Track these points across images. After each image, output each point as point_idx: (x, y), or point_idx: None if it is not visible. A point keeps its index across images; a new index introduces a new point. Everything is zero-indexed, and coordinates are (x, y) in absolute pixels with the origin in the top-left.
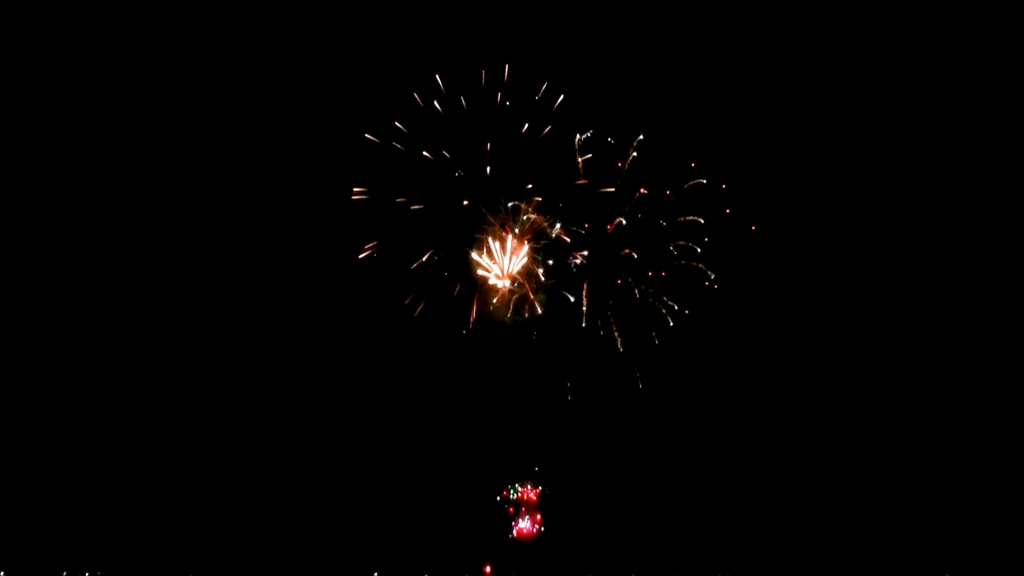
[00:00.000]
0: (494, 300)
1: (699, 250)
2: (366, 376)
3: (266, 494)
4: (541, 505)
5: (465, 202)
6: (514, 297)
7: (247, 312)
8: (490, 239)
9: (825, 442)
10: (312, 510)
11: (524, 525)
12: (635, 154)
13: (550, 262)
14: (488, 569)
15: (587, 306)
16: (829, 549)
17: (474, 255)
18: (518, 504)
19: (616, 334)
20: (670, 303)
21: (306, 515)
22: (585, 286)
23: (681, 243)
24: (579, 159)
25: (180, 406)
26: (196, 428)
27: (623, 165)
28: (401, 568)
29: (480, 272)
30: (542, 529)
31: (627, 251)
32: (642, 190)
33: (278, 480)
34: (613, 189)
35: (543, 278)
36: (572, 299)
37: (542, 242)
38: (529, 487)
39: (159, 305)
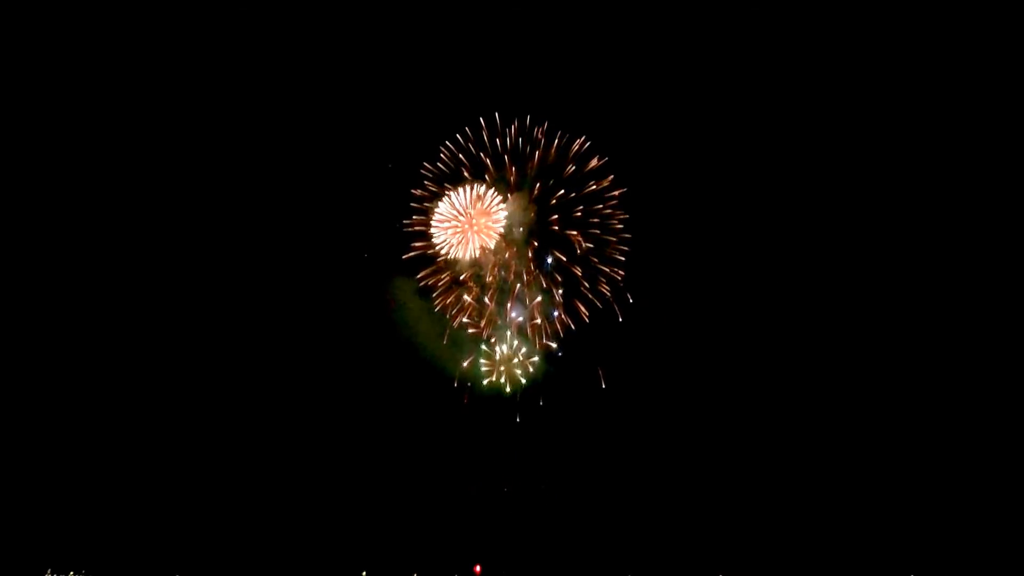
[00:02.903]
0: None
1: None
2: (357, 378)
3: (254, 493)
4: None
5: None
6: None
7: (235, 311)
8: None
9: (818, 442)
10: (301, 510)
11: None
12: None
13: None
14: (478, 569)
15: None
16: (821, 550)
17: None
18: None
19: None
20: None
21: (295, 514)
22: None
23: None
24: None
25: (164, 405)
26: (181, 427)
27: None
28: (390, 567)
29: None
30: None
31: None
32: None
33: (267, 480)
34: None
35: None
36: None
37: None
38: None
39: (140, 302)
